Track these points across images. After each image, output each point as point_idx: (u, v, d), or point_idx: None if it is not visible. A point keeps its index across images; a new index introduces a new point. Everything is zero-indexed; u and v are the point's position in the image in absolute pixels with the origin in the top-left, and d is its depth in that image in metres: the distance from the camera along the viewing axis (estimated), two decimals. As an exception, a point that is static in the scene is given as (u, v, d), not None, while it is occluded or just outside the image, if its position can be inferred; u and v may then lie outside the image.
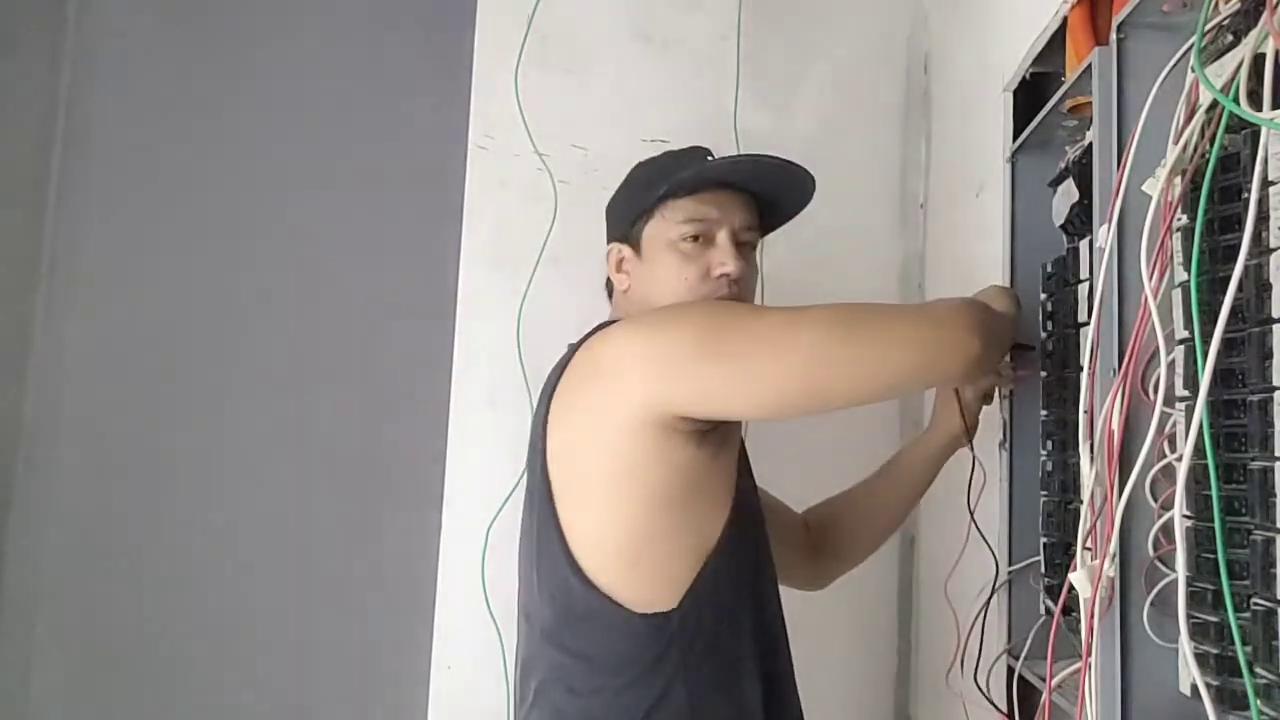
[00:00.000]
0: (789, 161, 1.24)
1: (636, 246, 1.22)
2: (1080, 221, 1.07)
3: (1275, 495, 0.65)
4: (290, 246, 1.81)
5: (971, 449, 1.29)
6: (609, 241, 1.28)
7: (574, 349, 1.13)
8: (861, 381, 1.05)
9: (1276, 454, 0.65)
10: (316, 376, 1.80)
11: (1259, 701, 0.64)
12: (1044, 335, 1.17)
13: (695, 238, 1.18)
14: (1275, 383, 0.66)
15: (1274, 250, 0.66)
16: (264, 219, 1.81)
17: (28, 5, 1.78)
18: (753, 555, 1.14)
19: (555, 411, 1.10)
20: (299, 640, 1.74)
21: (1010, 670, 1.18)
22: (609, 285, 1.30)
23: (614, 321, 1.16)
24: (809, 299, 1.78)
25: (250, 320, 1.80)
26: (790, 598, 1.41)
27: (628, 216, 1.24)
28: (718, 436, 1.08)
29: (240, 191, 1.81)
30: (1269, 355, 0.66)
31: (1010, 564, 1.23)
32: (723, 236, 1.19)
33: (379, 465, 1.79)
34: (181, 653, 1.72)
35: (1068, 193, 1.09)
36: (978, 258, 1.43)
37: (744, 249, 1.21)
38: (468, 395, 1.68)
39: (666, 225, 1.19)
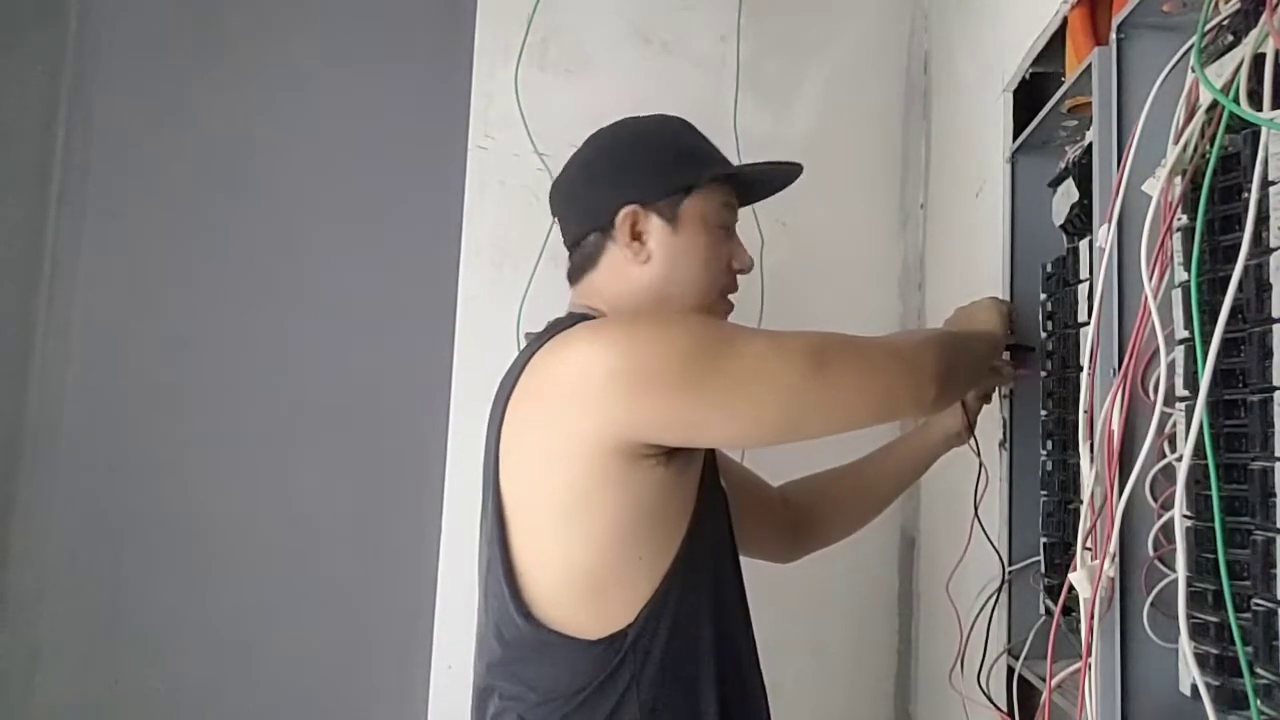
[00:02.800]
0: (796, 166, 1.21)
1: (673, 219, 1.10)
2: (1080, 221, 1.07)
3: (1275, 495, 0.65)
4: (291, 246, 1.81)
5: (973, 448, 1.29)
6: (621, 202, 1.10)
7: (534, 344, 1.05)
8: (830, 417, 1.05)
9: (1276, 454, 0.65)
10: (317, 376, 1.80)
11: (1259, 701, 0.64)
12: (1044, 335, 1.17)
13: (725, 227, 1.14)
14: (1275, 383, 0.66)
15: (1274, 250, 0.66)
16: (264, 218, 1.82)
17: (30, 5, 1.79)
18: (714, 562, 1.09)
19: (511, 424, 1.03)
20: (300, 640, 1.74)
21: (1010, 670, 1.18)
22: (588, 249, 1.13)
23: (569, 320, 1.09)
24: (809, 299, 1.80)
25: (251, 320, 1.80)
26: (790, 596, 1.42)
27: (665, 183, 1.11)
28: (684, 456, 1.03)
29: (240, 191, 1.81)
30: (1269, 355, 0.66)
31: (1010, 564, 1.23)
32: (736, 230, 1.16)
33: (379, 465, 1.79)
34: (182, 652, 1.72)
35: (1068, 193, 1.09)
36: (978, 258, 1.43)
37: None
38: (468, 395, 1.68)
39: (709, 205, 1.12)
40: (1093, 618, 0.81)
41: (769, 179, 1.22)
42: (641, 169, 1.14)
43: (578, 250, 1.15)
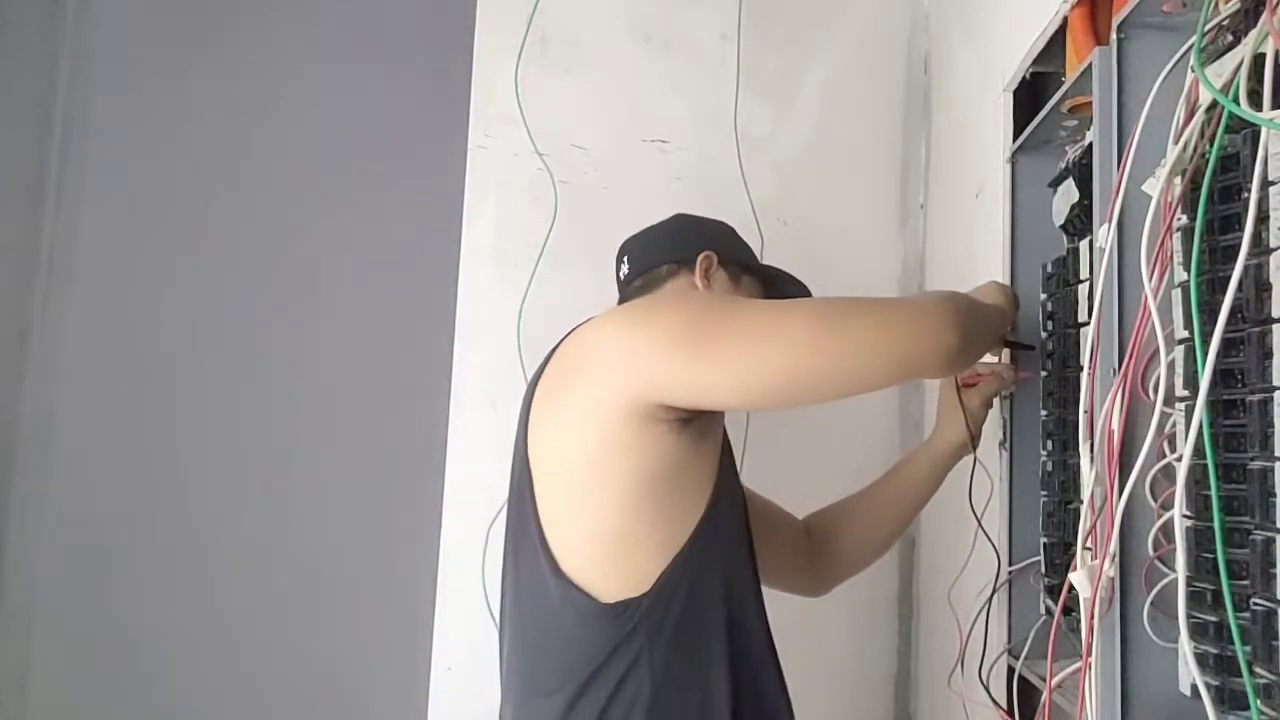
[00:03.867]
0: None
1: (735, 279, 1.29)
2: (1080, 221, 1.07)
3: (1275, 495, 0.65)
4: (290, 246, 1.81)
5: (976, 457, 1.28)
6: (705, 247, 1.28)
7: (566, 335, 1.14)
8: (843, 374, 1.04)
9: (1276, 454, 0.65)
10: (316, 376, 1.80)
11: (1259, 701, 0.64)
12: (1044, 335, 1.17)
13: None
14: (1275, 383, 0.66)
15: (1274, 250, 0.66)
16: (263, 218, 1.82)
17: (26, 3, 1.78)
18: (729, 547, 1.13)
19: (538, 402, 1.11)
20: (299, 640, 1.74)
21: (1010, 670, 1.18)
22: (657, 275, 1.28)
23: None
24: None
25: (250, 320, 1.80)
26: (790, 596, 1.42)
27: (737, 252, 1.32)
28: (699, 426, 1.07)
29: (239, 191, 1.81)
30: (1269, 355, 0.66)
31: (1010, 564, 1.23)
32: None
33: (379, 465, 1.79)
34: (181, 653, 1.72)
35: (1068, 193, 1.09)
36: (978, 258, 1.43)
37: None
38: (468, 395, 1.68)
39: (759, 291, 1.30)
40: (1093, 618, 0.81)
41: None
42: (725, 237, 1.35)
43: (643, 277, 1.29)
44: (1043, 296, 1.18)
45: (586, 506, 1.06)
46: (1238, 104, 0.66)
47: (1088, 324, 0.91)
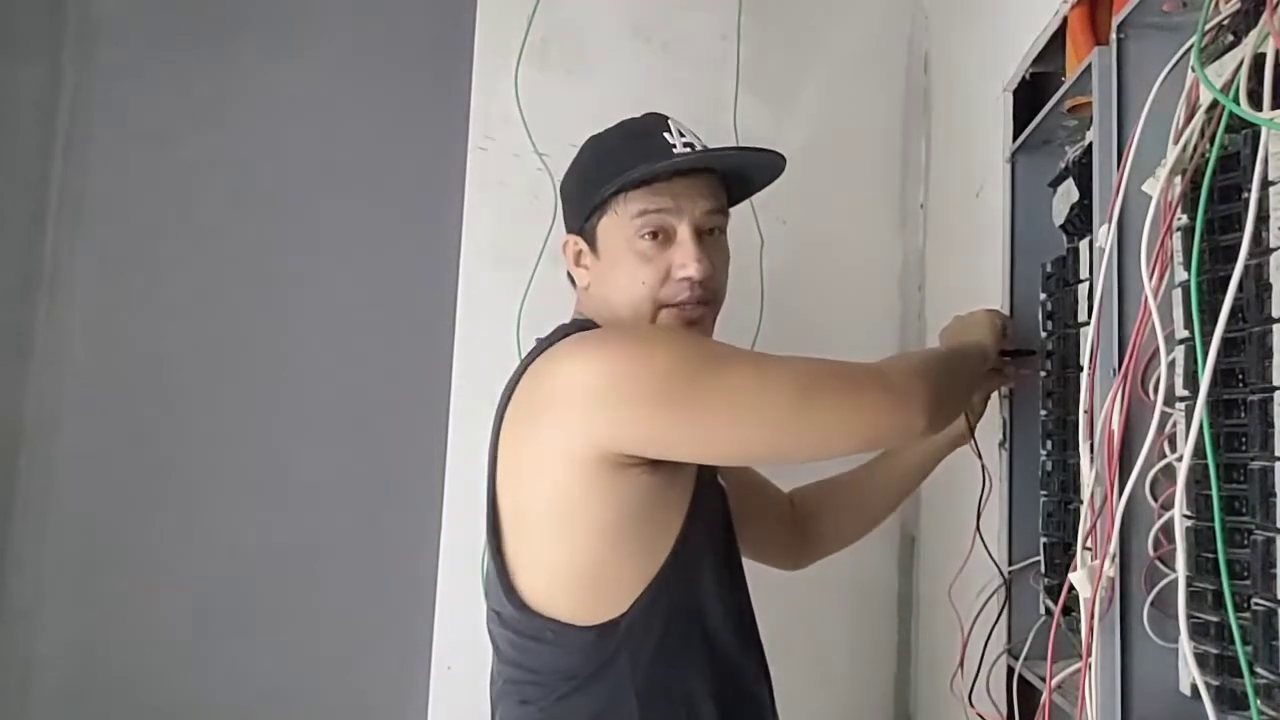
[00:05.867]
0: (749, 148, 1.19)
1: (592, 243, 1.13)
2: (1080, 221, 1.07)
3: (1275, 495, 0.65)
4: (291, 247, 1.81)
5: (975, 449, 1.28)
6: (567, 230, 1.19)
7: (535, 352, 1.09)
8: (812, 448, 1.07)
9: (1276, 454, 0.65)
10: (317, 377, 1.80)
11: (1259, 701, 0.64)
12: (1044, 335, 1.17)
13: (654, 234, 1.08)
14: (1275, 383, 0.66)
15: (1274, 250, 0.66)
16: (264, 220, 1.81)
17: (29, 7, 1.78)
18: (706, 562, 1.10)
19: (505, 431, 1.07)
20: (299, 641, 1.74)
21: (1010, 670, 1.18)
22: (571, 277, 1.20)
23: (573, 327, 1.12)
24: (809, 299, 1.80)
25: (250, 321, 1.80)
26: (790, 596, 1.42)
27: (581, 209, 1.14)
28: (673, 463, 1.04)
29: (240, 192, 1.81)
30: (1269, 355, 0.66)
31: (1010, 564, 1.23)
32: (684, 231, 1.09)
33: (379, 466, 1.79)
34: (182, 653, 1.72)
35: (1068, 193, 1.09)
36: (978, 258, 1.43)
37: (709, 238, 1.12)
38: (468, 395, 1.68)
39: (621, 221, 1.09)
40: (1093, 618, 0.81)
41: (731, 161, 1.17)
42: (569, 198, 1.19)
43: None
44: (1043, 296, 1.18)
45: (554, 548, 1.04)
46: (1238, 104, 0.66)
47: (1088, 324, 0.91)
